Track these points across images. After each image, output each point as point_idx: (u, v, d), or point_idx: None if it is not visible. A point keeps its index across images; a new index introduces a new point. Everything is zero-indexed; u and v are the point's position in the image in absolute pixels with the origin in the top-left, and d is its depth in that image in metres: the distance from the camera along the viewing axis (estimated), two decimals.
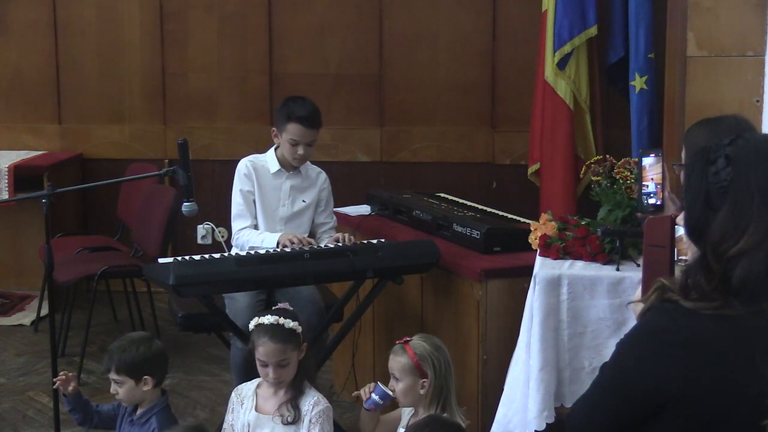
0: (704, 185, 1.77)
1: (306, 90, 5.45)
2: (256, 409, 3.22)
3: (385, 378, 3.26)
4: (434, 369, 3.11)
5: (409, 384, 3.10)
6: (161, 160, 6.26)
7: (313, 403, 3.17)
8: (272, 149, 4.23)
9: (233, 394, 3.33)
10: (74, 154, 6.35)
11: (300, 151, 4.11)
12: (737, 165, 1.74)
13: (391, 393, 3.14)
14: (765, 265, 1.68)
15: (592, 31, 5.14)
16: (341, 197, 5.03)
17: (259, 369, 3.19)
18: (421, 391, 3.11)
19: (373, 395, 3.14)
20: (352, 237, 4.06)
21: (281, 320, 3.16)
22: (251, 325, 3.22)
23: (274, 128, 4.20)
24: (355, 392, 3.26)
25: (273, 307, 3.36)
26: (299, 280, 3.79)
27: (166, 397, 3.29)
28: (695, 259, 1.78)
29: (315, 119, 4.12)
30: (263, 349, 3.15)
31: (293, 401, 3.18)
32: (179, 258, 3.61)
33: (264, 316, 3.20)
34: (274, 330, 3.15)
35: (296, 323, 3.18)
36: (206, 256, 3.64)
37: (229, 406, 3.31)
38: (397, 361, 3.13)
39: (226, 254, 3.83)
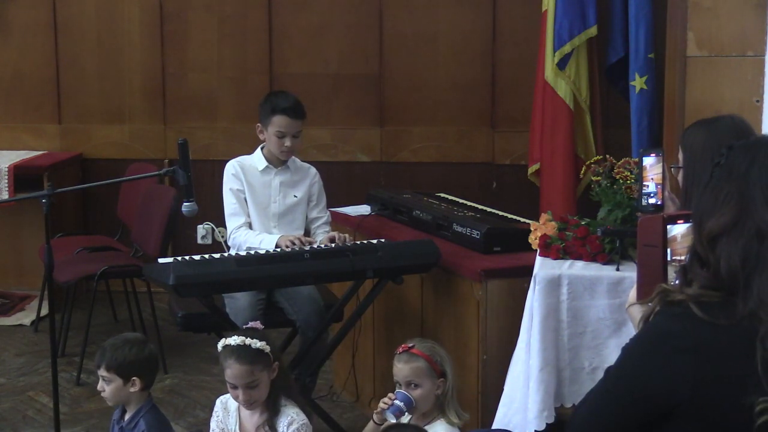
0: (707, 175, 1.80)
1: (306, 90, 5.47)
2: (240, 429, 3.19)
3: (387, 380, 3.25)
4: (449, 364, 3.10)
5: (429, 387, 3.06)
6: (161, 160, 6.26)
7: (288, 422, 3.09)
8: (258, 149, 4.25)
9: (218, 402, 3.28)
10: (74, 154, 6.35)
11: (287, 143, 4.12)
12: (733, 153, 1.76)
13: (411, 398, 3.05)
14: (740, 257, 1.69)
15: (592, 31, 5.13)
16: (341, 197, 5.04)
17: (230, 391, 3.12)
18: (438, 392, 3.09)
19: (396, 402, 3.04)
20: (347, 236, 4.06)
21: (248, 340, 3.05)
22: (219, 347, 3.13)
23: (258, 124, 4.21)
24: (376, 411, 3.12)
25: (243, 326, 3.30)
26: (299, 280, 3.78)
27: (151, 398, 3.27)
28: (690, 249, 1.78)
29: (299, 110, 4.15)
30: (230, 372, 3.06)
31: (269, 422, 3.10)
32: (179, 258, 3.61)
33: (230, 336, 3.10)
34: (240, 351, 3.05)
35: (263, 343, 3.07)
36: (206, 256, 3.64)
37: (214, 413, 3.27)
38: (413, 367, 3.06)
39: (226, 254, 3.83)
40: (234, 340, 3.08)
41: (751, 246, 1.69)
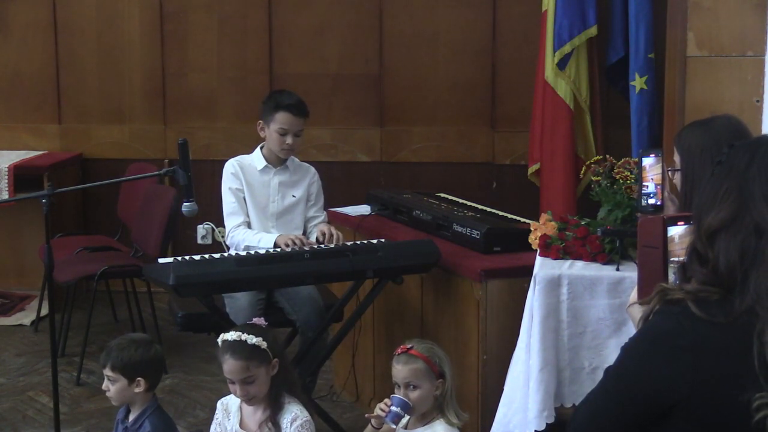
0: (707, 175, 1.81)
1: (306, 90, 5.46)
2: (240, 425, 3.18)
3: (387, 380, 3.25)
4: (448, 365, 3.10)
5: (428, 388, 3.06)
6: (161, 160, 6.26)
7: (291, 418, 3.09)
8: (258, 148, 4.25)
9: (218, 404, 3.28)
10: (74, 154, 6.36)
11: (288, 140, 4.12)
12: (734, 151, 1.78)
13: (408, 401, 3.06)
14: (739, 253, 1.69)
15: (592, 31, 5.13)
16: (341, 197, 5.04)
17: (229, 386, 3.13)
18: (437, 392, 3.08)
19: (393, 408, 3.03)
20: (338, 232, 4.04)
21: (244, 336, 3.06)
22: (219, 341, 3.14)
23: (260, 121, 4.20)
24: (370, 415, 3.13)
25: (244, 323, 3.31)
26: (299, 280, 3.78)
27: (155, 399, 3.27)
28: (689, 246, 1.79)
29: (302, 108, 4.15)
30: (226, 367, 3.08)
31: (272, 418, 3.10)
32: (179, 258, 3.61)
33: (229, 332, 3.12)
34: (235, 346, 3.06)
35: (260, 339, 3.07)
36: (206, 256, 3.64)
37: (215, 416, 3.28)
38: (411, 369, 3.06)
39: (226, 254, 3.83)
40: (231, 335, 3.10)
41: (749, 242, 1.70)
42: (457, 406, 3.12)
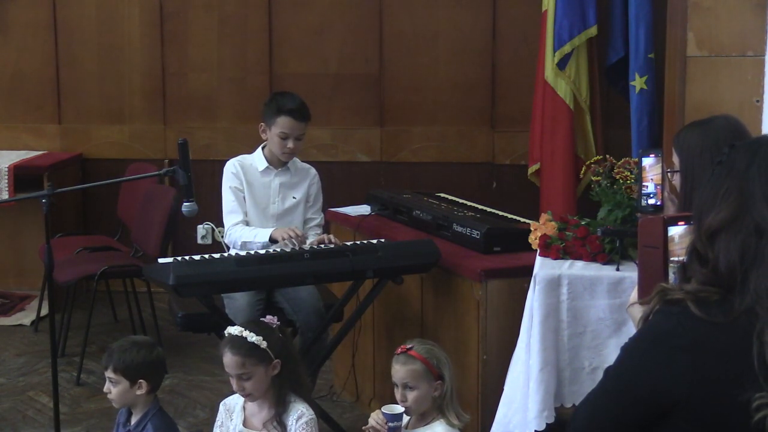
0: (708, 175, 1.81)
1: (306, 90, 5.46)
2: (244, 424, 3.19)
3: (387, 380, 3.25)
4: (448, 367, 3.10)
5: (426, 389, 3.05)
6: (161, 160, 6.26)
7: (297, 416, 3.11)
8: (259, 148, 4.25)
9: (221, 406, 3.29)
10: (74, 154, 6.36)
11: (290, 144, 4.12)
12: (734, 151, 1.78)
13: (399, 409, 3.06)
14: (739, 253, 1.70)
15: (592, 31, 5.14)
16: (341, 197, 5.04)
17: (229, 378, 3.16)
18: (435, 394, 3.08)
19: (389, 424, 3.02)
20: (333, 237, 4.04)
21: (245, 333, 3.09)
22: (225, 333, 3.17)
23: (262, 123, 4.20)
24: (366, 427, 3.11)
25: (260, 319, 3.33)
26: (299, 280, 3.78)
27: (157, 401, 3.27)
28: (689, 246, 1.79)
29: (304, 112, 4.14)
30: (225, 359, 3.11)
31: (278, 418, 3.11)
32: (179, 258, 3.61)
33: (234, 326, 3.17)
34: (235, 341, 3.09)
35: (260, 338, 3.08)
36: (206, 256, 3.64)
37: (217, 418, 3.28)
38: (408, 369, 3.06)
39: (226, 254, 3.83)
40: (235, 329, 3.13)
41: (749, 242, 1.70)
42: (459, 408, 3.12)
